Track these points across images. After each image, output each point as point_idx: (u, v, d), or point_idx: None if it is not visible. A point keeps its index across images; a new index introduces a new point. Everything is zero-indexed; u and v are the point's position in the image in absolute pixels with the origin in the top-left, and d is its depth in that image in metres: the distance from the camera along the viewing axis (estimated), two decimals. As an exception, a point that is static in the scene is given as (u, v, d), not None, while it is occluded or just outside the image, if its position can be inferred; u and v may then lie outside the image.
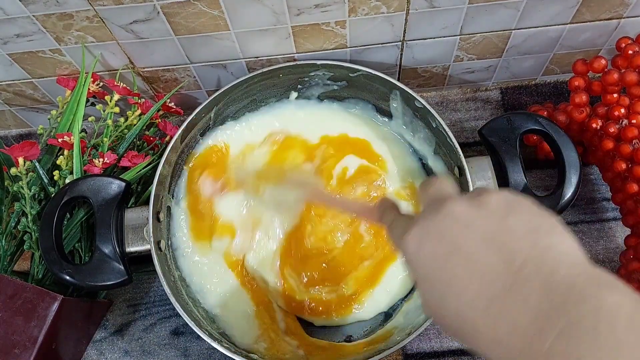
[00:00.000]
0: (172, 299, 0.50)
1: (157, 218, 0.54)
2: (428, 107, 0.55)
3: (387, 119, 0.61)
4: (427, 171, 0.60)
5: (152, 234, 0.52)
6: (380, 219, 0.38)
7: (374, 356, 0.49)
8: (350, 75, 0.59)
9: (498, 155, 0.53)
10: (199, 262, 0.57)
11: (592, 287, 0.25)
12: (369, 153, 0.60)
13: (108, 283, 0.51)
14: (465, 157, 0.53)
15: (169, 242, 0.56)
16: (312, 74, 0.59)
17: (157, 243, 0.53)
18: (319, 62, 0.58)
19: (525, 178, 0.52)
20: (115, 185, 0.53)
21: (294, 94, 0.62)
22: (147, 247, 0.52)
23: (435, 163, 0.59)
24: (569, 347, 0.24)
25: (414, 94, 0.55)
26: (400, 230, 0.33)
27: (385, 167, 0.59)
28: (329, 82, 0.60)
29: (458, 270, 0.28)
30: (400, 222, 0.35)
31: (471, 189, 0.52)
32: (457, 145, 0.53)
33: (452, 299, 0.28)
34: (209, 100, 0.56)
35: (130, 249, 0.52)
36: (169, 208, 0.57)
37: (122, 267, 0.51)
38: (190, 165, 0.59)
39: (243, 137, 0.61)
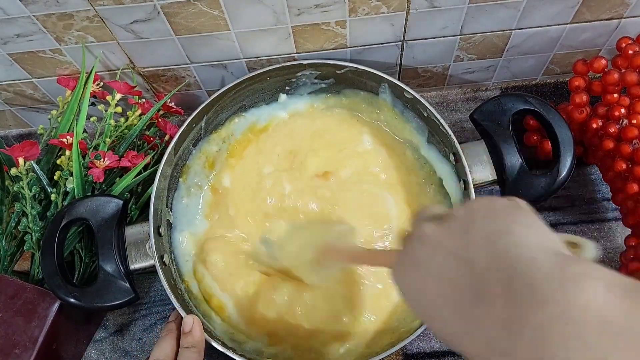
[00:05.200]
0: (182, 312, 0.50)
1: (158, 232, 0.54)
2: (418, 96, 0.55)
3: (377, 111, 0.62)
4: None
5: (155, 249, 0.52)
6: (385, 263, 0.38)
7: (374, 356, 0.49)
8: (337, 72, 0.59)
9: (492, 139, 0.53)
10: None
11: (554, 284, 0.23)
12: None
13: (115, 303, 0.50)
14: (459, 143, 0.53)
15: (172, 255, 0.56)
16: (299, 74, 0.60)
17: (161, 257, 0.53)
18: (305, 62, 0.58)
19: (521, 158, 0.52)
20: (113, 204, 0.52)
21: (283, 96, 0.62)
22: (151, 262, 0.52)
23: (428, 152, 0.59)
24: (541, 358, 0.22)
25: (403, 85, 0.56)
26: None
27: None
28: (316, 80, 0.61)
29: (432, 291, 0.29)
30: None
31: (468, 174, 0.52)
32: (450, 132, 0.53)
33: (435, 320, 0.29)
34: (198, 110, 0.56)
35: (135, 266, 0.52)
36: (168, 221, 0.57)
37: (128, 285, 0.51)
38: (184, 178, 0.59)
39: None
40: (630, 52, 0.56)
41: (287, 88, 0.62)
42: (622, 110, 0.55)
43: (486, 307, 0.25)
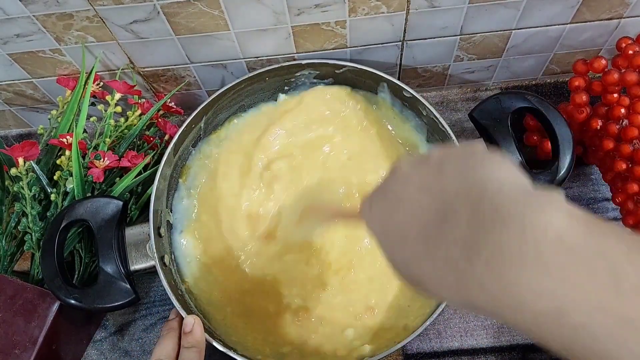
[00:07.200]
0: (183, 313, 0.50)
1: (158, 233, 0.54)
2: (417, 95, 0.55)
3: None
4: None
5: (155, 250, 0.52)
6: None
7: (374, 356, 0.49)
8: (336, 72, 0.59)
9: (491, 137, 0.53)
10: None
11: (518, 207, 0.24)
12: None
13: (116, 304, 0.50)
14: (458, 141, 0.54)
15: (173, 255, 0.56)
16: (298, 74, 0.60)
17: (161, 258, 0.53)
18: (303, 62, 0.58)
19: (521, 156, 0.53)
20: (113, 205, 0.52)
21: (282, 96, 0.62)
22: (152, 263, 0.52)
23: None
24: (497, 274, 0.23)
25: (402, 84, 0.56)
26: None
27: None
28: (315, 80, 0.61)
29: (399, 219, 0.30)
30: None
31: None
32: (449, 131, 0.54)
33: (398, 247, 0.30)
34: (197, 110, 0.56)
35: (135, 267, 0.52)
36: (168, 222, 0.57)
37: (129, 286, 0.51)
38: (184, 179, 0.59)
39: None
40: (630, 52, 0.56)
41: (286, 88, 0.61)
42: (622, 110, 0.55)
43: (450, 227, 0.26)
